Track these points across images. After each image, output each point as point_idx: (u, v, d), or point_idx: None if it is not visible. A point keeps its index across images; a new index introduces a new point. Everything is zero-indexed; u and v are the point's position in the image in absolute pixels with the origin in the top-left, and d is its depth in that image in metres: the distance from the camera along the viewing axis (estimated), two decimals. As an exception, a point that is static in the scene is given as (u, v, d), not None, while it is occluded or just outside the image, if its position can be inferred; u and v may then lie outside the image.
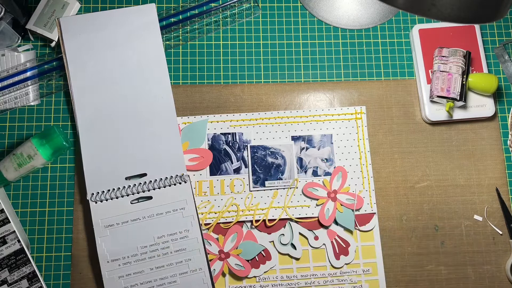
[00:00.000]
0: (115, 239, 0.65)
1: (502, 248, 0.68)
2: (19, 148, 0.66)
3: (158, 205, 0.65)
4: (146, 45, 0.70)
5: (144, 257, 0.64)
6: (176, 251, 0.65)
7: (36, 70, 0.71)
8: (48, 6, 0.72)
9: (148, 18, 0.71)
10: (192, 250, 0.65)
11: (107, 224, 0.65)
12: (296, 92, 0.72)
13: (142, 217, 0.65)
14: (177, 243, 0.65)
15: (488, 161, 0.71)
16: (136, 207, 0.65)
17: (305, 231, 0.67)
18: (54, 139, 0.66)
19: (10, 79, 0.70)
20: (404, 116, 0.72)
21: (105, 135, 0.67)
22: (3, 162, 0.66)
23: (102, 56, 0.69)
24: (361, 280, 0.67)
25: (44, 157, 0.66)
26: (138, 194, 0.66)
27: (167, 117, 0.68)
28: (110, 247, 0.64)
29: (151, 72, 0.69)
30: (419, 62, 0.72)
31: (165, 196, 0.66)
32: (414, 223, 0.69)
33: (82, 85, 0.68)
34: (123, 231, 0.65)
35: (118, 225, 0.65)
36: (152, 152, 0.67)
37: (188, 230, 0.65)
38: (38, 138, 0.66)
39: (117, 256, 0.64)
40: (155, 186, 0.66)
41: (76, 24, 0.70)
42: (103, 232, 0.65)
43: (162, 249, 0.65)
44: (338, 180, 0.69)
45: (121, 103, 0.68)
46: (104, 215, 0.65)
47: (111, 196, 0.65)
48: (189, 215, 0.65)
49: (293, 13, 0.76)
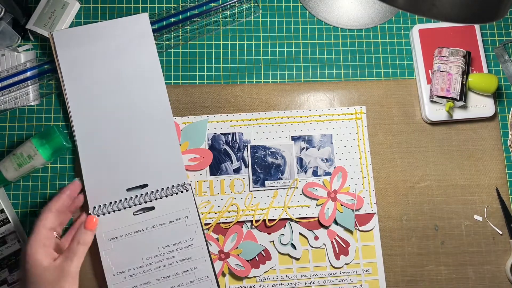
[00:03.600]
0: (120, 252, 0.64)
1: (502, 248, 0.68)
2: (19, 148, 0.66)
3: (161, 215, 0.65)
4: (141, 55, 0.70)
5: (150, 268, 0.64)
6: (182, 260, 0.64)
7: (36, 70, 0.71)
8: (48, 6, 0.72)
9: (141, 27, 0.70)
10: (198, 259, 0.65)
11: (110, 237, 0.64)
12: (296, 92, 0.72)
13: (145, 228, 0.65)
14: (182, 252, 0.65)
15: (488, 161, 0.71)
16: (139, 218, 0.65)
17: (305, 231, 0.67)
18: (54, 139, 0.66)
19: (10, 79, 0.71)
20: (404, 116, 0.72)
21: (104, 148, 0.67)
22: (3, 162, 0.66)
23: (97, 69, 0.69)
24: (361, 280, 0.67)
25: (44, 157, 0.66)
26: (140, 205, 0.65)
27: (165, 126, 0.68)
28: (115, 259, 0.64)
29: (147, 82, 0.69)
30: (419, 62, 0.72)
31: (168, 205, 0.65)
32: (414, 223, 0.69)
33: (78, 99, 0.68)
34: (127, 243, 0.64)
35: (122, 237, 0.64)
36: (152, 162, 0.67)
37: (193, 239, 0.65)
38: (38, 138, 0.66)
39: (123, 268, 0.64)
40: (157, 196, 0.65)
41: (70, 37, 0.70)
42: (107, 245, 0.64)
43: (168, 259, 0.64)
44: (338, 180, 0.69)
45: (118, 115, 0.68)
46: (107, 228, 0.65)
47: (113, 209, 0.65)
48: (193, 224, 0.65)
49: (293, 13, 0.76)
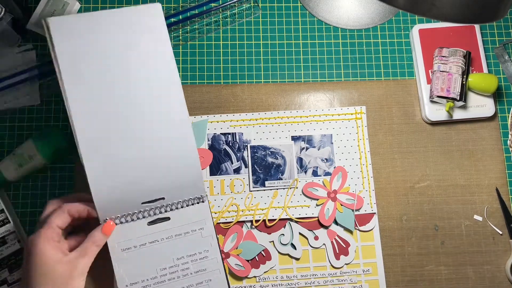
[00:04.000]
0: (133, 262, 0.61)
1: (502, 248, 0.68)
2: (19, 148, 0.66)
3: (176, 226, 0.62)
4: (154, 52, 0.61)
5: (164, 279, 0.61)
6: (196, 272, 0.62)
7: (36, 70, 0.71)
8: (48, 6, 0.72)
9: (153, 19, 0.61)
10: (212, 271, 0.62)
11: (124, 247, 0.61)
12: (296, 92, 0.72)
13: (160, 239, 0.62)
14: (197, 264, 0.62)
15: (488, 161, 0.71)
16: (153, 229, 0.61)
17: (305, 231, 0.67)
18: (54, 139, 0.66)
19: (10, 79, 0.70)
20: (404, 116, 0.72)
21: (114, 158, 0.59)
22: (3, 162, 0.66)
23: (102, 65, 0.59)
24: (361, 280, 0.67)
25: (44, 157, 0.66)
26: (155, 216, 0.62)
27: (183, 134, 0.61)
28: (129, 270, 0.61)
29: (162, 84, 0.61)
30: (419, 62, 0.72)
31: (183, 216, 0.62)
32: (414, 223, 0.69)
33: (80, 100, 0.58)
34: (141, 253, 0.61)
35: (136, 248, 0.61)
36: (169, 175, 0.61)
37: (208, 251, 0.62)
38: (38, 138, 0.66)
39: (136, 279, 0.61)
40: (173, 207, 0.62)
41: (69, 26, 0.59)
42: (120, 255, 0.61)
43: (182, 271, 0.62)
44: (338, 180, 0.69)
45: (129, 121, 0.60)
46: (121, 239, 0.61)
47: (126, 220, 0.61)
48: (208, 235, 0.62)
49: (293, 13, 0.76)
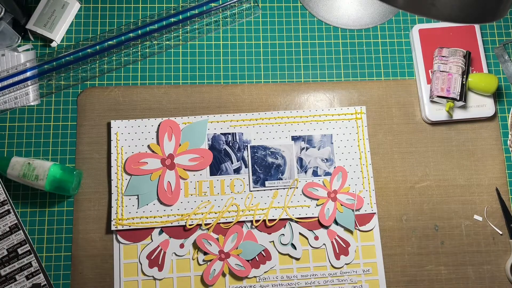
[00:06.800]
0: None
1: (502, 248, 0.68)
2: (38, 162, 0.65)
3: None
4: None
5: None
6: None
7: (36, 70, 0.71)
8: (48, 6, 0.72)
9: None
10: None
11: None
12: (296, 92, 0.72)
13: None
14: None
15: (488, 161, 0.71)
16: None
17: (305, 231, 0.67)
18: (67, 181, 0.65)
19: (10, 79, 0.70)
20: (404, 116, 0.72)
21: None
22: (17, 161, 0.65)
23: None
24: (361, 280, 0.67)
25: (46, 186, 0.65)
26: None
27: None
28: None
29: None
30: (419, 62, 0.72)
31: None
32: (414, 223, 0.69)
33: None
34: None
35: None
36: None
37: None
38: (58, 169, 0.65)
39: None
40: None
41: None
42: None
43: None
44: (338, 180, 0.69)
45: None
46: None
47: None
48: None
49: (293, 13, 0.76)
